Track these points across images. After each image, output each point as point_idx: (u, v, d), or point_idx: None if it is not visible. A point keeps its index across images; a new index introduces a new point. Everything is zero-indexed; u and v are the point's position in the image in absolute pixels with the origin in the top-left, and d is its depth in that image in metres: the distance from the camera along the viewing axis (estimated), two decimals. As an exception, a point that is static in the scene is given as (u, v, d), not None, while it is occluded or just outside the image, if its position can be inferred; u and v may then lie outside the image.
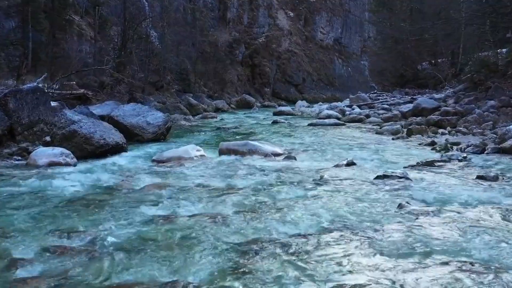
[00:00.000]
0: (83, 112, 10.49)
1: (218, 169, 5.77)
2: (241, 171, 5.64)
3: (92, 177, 5.32)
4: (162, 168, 6.07)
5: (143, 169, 6.02)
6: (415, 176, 4.89)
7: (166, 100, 21.41)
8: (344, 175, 5.05)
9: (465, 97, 13.46)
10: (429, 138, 9.38)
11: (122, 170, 6.03)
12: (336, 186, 4.43)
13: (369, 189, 4.30)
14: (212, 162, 6.53)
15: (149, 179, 5.06)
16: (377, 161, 6.49)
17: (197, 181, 4.88)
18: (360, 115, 15.21)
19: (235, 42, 36.52)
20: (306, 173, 5.40)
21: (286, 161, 6.58)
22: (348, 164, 5.79)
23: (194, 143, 9.25)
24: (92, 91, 12.55)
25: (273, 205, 3.79)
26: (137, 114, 10.08)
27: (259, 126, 13.66)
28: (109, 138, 7.78)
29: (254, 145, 7.42)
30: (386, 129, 10.82)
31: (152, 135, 9.65)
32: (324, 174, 5.13)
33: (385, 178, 4.73)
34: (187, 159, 6.88)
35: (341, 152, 7.75)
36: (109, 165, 6.61)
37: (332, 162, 6.37)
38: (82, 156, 7.41)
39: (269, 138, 10.13)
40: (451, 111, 11.86)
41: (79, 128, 7.60)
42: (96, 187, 4.68)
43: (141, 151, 8.28)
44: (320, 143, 9.02)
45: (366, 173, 5.25)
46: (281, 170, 5.58)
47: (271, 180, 4.90)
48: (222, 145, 7.71)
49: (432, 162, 5.73)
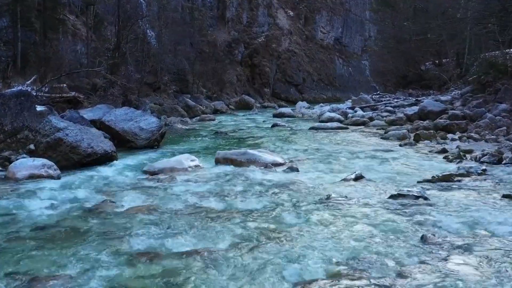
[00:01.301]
0: (73, 116, 9.96)
1: (213, 184, 5.23)
2: (239, 186, 5.10)
3: (73, 195, 4.78)
4: (152, 182, 5.53)
5: (131, 183, 5.48)
6: (433, 195, 4.35)
7: (163, 102, 20.86)
8: (353, 193, 4.51)
9: (473, 100, 12.93)
10: (438, 144, 8.86)
11: (108, 185, 5.49)
12: (346, 209, 3.89)
13: (384, 213, 3.76)
14: (207, 174, 5.99)
15: (135, 198, 4.52)
16: (387, 173, 5.96)
17: (189, 201, 4.34)
18: (363, 118, 14.68)
19: (234, 41, 35.98)
20: (310, 189, 4.86)
21: (287, 173, 6.04)
22: (357, 178, 5.25)
23: (189, 151, 8.73)
24: (84, 93, 11.99)
25: (274, 236, 3.25)
26: (129, 119, 9.54)
27: (258, 130, 13.13)
28: (97, 146, 7.24)
29: (253, 155, 6.88)
30: (392, 134, 10.28)
31: (146, 142, 9.11)
32: (331, 192, 4.60)
33: (400, 197, 4.19)
34: (181, 170, 6.35)
35: (346, 161, 7.22)
36: (95, 177, 6.07)
37: (338, 175, 5.83)
38: (68, 166, 6.91)
39: (269, 144, 9.60)
40: (459, 115, 11.34)
41: (65, 136, 7.06)
42: (73, 209, 4.14)
43: (133, 159, 7.74)
44: (323, 150, 8.48)
45: (378, 190, 4.72)
46: (282, 185, 5.04)
47: (272, 200, 4.36)
48: (218, 154, 7.18)
49: (450, 177, 5.19)
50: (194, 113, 19.71)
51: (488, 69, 13.71)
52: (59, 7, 16.39)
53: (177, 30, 26.10)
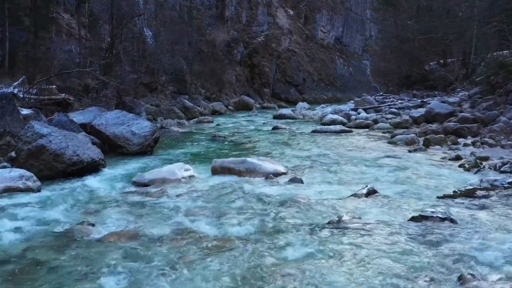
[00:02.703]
0: (62, 120, 9.40)
1: (207, 201, 4.66)
2: (236, 203, 4.54)
3: (48, 214, 4.21)
4: (141, 196, 4.96)
5: (116, 198, 4.91)
6: (460, 216, 3.79)
7: (160, 103, 20.28)
8: (367, 213, 3.95)
9: (482, 102, 12.36)
10: (450, 150, 8.31)
11: (91, 200, 4.92)
12: (361, 237, 3.32)
13: (407, 241, 3.19)
14: (202, 187, 5.42)
15: (118, 219, 3.95)
16: (400, 185, 5.39)
17: (179, 224, 3.77)
18: (367, 120, 14.11)
19: (234, 41, 35.40)
20: (317, 207, 4.29)
21: (290, 184, 5.48)
22: (369, 193, 4.68)
23: (184, 158, 8.19)
24: (76, 95, 11.41)
25: (276, 275, 2.68)
26: (121, 122, 8.96)
27: (258, 133, 12.55)
28: (83, 154, 6.67)
29: (252, 164, 6.31)
30: (399, 139, 9.71)
31: (138, 147, 8.54)
32: (341, 211, 4.03)
33: (423, 219, 3.63)
34: (173, 182, 5.79)
35: (353, 169, 6.66)
36: (79, 190, 5.51)
37: (347, 187, 5.27)
38: (51, 175, 6.35)
39: (270, 150, 9.03)
40: (470, 118, 10.77)
41: (48, 143, 6.49)
42: (44, 235, 3.57)
43: (123, 168, 7.18)
44: (328, 157, 7.91)
45: (395, 209, 4.15)
46: (285, 202, 4.48)
47: (274, 223, 3.80)
48: (215, 162, 6.61)
49: (473, 191, 4.63)
50: (192, 115, 19.15)
51: (498, 70, 13.13)
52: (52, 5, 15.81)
53: (175, 29, 25.54)
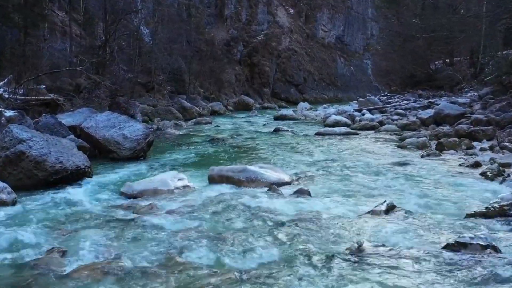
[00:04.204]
0: (49, 122, 8.78)
1: (203, 219, 4.05)
2: (236, 222, 3.94)
3: (17, 235, 3.60)
4: (126, 213, 4.35)
5: (98, 215, 4.30)
6: (502, 241, 3.19)
7: (157, 103, 19.67)
8: (391, 239, 3.35)
9: (495, 102, 11.76)
10: (467, 155, 7.71)
11: (69, 217, 4.31)
12: (387, 271, 2.72)
13: (444, 277, 2.59)
14: (197, 199, 4.82)
15: (96, 245, 3.34)
16: (421, 198, 4.79)
17: (168, 251, 3.16)
18: (373, 121, 13.51)
19: (233, 40, 34.73)
20: (330, 227, 3.69)
21: (297, 197, 4.87)
22: (388, 210, 4.08)
23: (179, 164, 7.58)
24: (66, 95, 10.79)
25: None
26: (112, 125, 8.35)
27: (259, 136, 11.94)
28: (67, 161, 6.06)
29: (254, 172, 5.71)
30: (409, 142, 9.12)
31: (130, 152, 7.93)
32: (360, 234, 3.43)
33: (460, 247, 3.02)
34: (165, 193, 5.19)
35: (365, 178, 6.05)
36: (58, 203, 4.91)
37: (361, 201, 4.67)
38: (32, 185, 5.76)
39: (272, 155, 8.42)
40: (483, 120, 10.18)
41: (28, 148, 5.88)
42: (5, 266, 2.96)
43: (112, 175, 6.58)
44: (335, 163, 7.31)
45: (422, 230, 3.55)
46: (293, 220, 3.88)
47: (281, 249, 3.19)
48: (212, 170, 6.00)
49: (509, 208, 4.02)
50: (190, 115, 18.52)
51: (509, 69, 12.54)
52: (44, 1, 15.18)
53: (173, 28, 24.93)
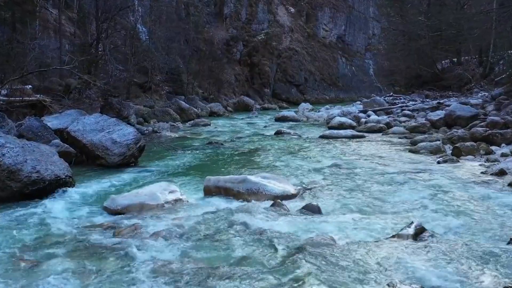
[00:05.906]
0: (33, 125, 8.13)
1: (194, 244, 3.38)
2: (234, 249, 3.26)
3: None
4: (105, 236, 3.68)
5: (72, 238, 3.63)
6: None
7: (154, 104, 19.02)
8: (428, 277, 2.67)
9: (509, 103, 11.11)
10: (488, 162, 7.04)
11: (38, 240, 3.65)
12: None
13: None
14: (190, 217, 4.15)
15: (60, 278, 2.68)
16: (450, 217, 4.11)
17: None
18: (379, 123, 12.84)
19: (233, 39, 34.08)
20: (349, 258, 3.02)
21: (305, 215, 4.21)
22: (417, 234, 3.41)
23: (172, 171, 6.91)
24: (54, 96, 10.12)
25: None
26: (100, 128, 7.68)
27: (260, 139, 11.26)
28: (45, 170, 5.39)
29: (255, 183, 5.04)
30: (422, 147, 8.45)
31: (119, 158, 7.25)
32: (387, 268, 2.75)
33: (522, 293, 2.35)
34: (154, 208, 4.53)
35: (380, 190, 5.37)
36: (29, 221, 4.26)
37: (380, 220, 4.00)
38: (5, 197, 5.12)
39: (274, 161, 7.75)
40: (499, 122, 9.53)
41: (1, 156, 5.21)
42: None
43: (96, 185, 5.91)
44: (344, 170, 6.63)
45: (465, 263, 2.87)
46: (302, 248, 3.21)
47: (292, 293, 2.52)
48: (209, 180, 5.33)
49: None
50: (188, 117, 17.85)
51: (524, 68, 11.87)
52: (35, -2, 14.54)
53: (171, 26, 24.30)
